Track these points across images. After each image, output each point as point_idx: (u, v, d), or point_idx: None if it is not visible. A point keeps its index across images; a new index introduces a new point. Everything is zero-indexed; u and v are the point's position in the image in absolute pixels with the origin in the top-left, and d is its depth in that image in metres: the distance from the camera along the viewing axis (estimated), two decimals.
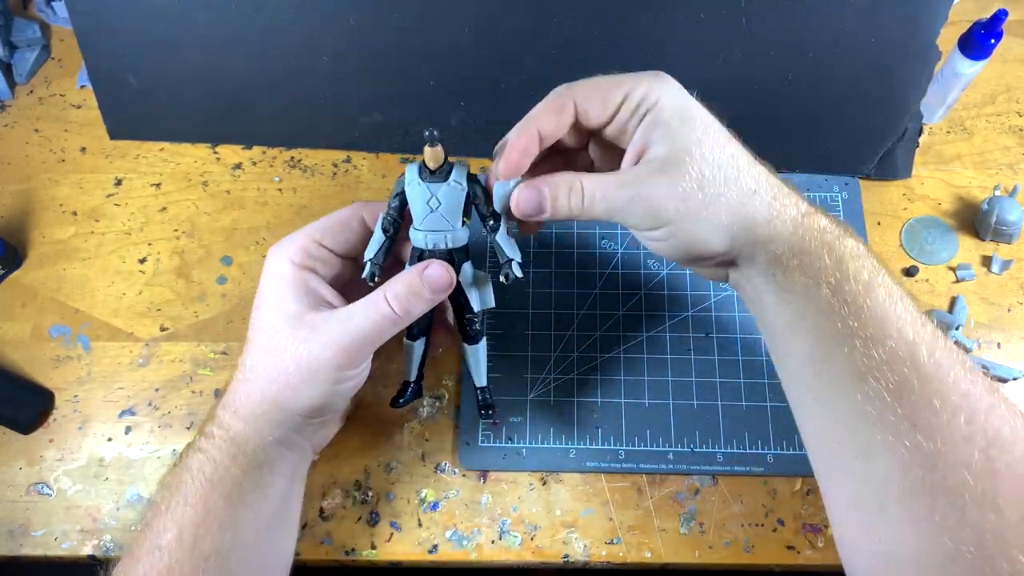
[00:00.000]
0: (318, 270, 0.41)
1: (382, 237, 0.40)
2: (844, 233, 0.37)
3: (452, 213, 0.39)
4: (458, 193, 0.39)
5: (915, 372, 0.33)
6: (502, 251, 0.41)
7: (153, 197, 0.59)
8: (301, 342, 0.38)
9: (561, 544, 0.48)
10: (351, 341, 0.38)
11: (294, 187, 0.59)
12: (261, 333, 0.40)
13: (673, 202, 0.36)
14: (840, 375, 0.35)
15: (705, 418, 0.50)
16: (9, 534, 0.49)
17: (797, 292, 0.36)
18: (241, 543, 0.38)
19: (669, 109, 0.37)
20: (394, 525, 0.48)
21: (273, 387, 0.39)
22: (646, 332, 0.53)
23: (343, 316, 0.39)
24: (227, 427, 0.39)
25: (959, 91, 0.56)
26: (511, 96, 0.57)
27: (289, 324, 0.39)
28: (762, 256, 0.37)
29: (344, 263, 0.43)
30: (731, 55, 0.54)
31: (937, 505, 0.32)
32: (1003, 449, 0.31)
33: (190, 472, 0.38)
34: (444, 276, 0.39)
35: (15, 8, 0.67)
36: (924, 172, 0.58)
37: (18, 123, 0.62)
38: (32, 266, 0.57)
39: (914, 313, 0.35)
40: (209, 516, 0.37)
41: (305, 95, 0.58)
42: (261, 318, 0.40)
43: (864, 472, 0.34)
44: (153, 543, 0.37)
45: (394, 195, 0.40)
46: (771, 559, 0.47)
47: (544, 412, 0.51)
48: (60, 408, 0.53)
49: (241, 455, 0.39)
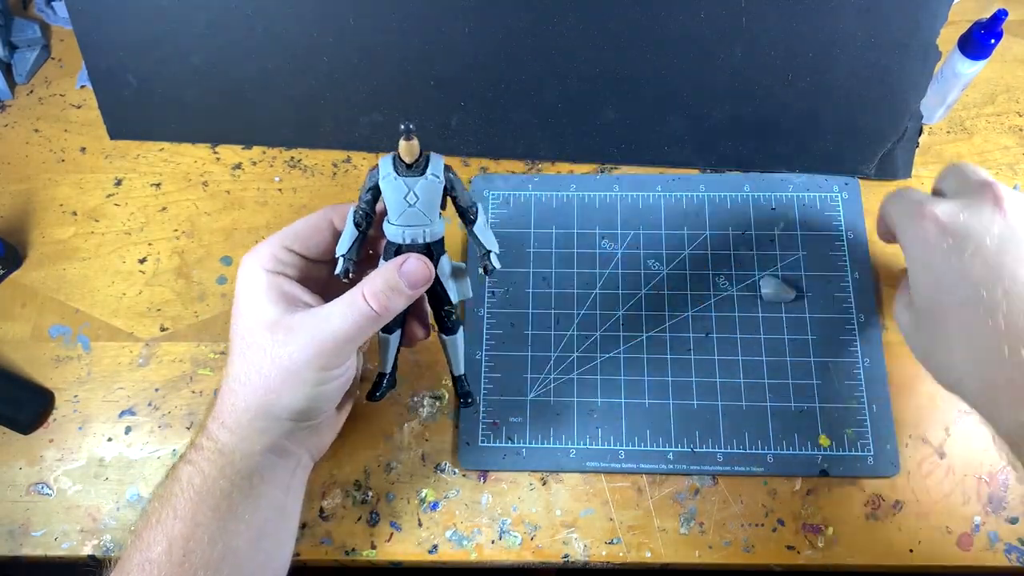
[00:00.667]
0: (290, 275, 0.41)
1: (354, 232, 0.40)
2: None
3: (430, 207, 0.38)
4: (436, 186, 0.38)
5: None
6: (479, 243, 0.40)
7: (153, 197, 0.59)
8: (280, 345, 0.38)
9: (561, 544, 0.48)
10: (330, 340, 0.38)
11: (294, 187, 0.59)
12: (241, 341, 0.39)
13: None
14: None
15: (705, 418, 0.50)
16: (9, 534, 0.49)
17: None
18: (232, 554, 0.38)
19: None
20: (394, 525, 0.48)
21: (257, 394, 0.38)
22: (646, 332, 0.53)
23: (321, 316, 0.38)
24: (215, 439, 0.39)
25: (959, 91, 0.56)
26: (511, 96, 0.57)
27: (267, 329, 0.38)
28: None
29: (317, 266, 0.43)
30: (731, 55, 0.54)
31: None
32: None
33: (179, 484, 0.38)
34: (423, 270, 0.38)
35: (15, 8, 0.67)
36: (924, 172, 0.58)
37: (18, 123, 0.62)
38: (32, 266, 0.57)
39: None
40: (199, 529, 0.37)
41: (305, 95, 0.58)
42: (239, 327, 0.40)
43: None
44: (143, 556, 0.37)
45: (366, 188, 0.39)
46: (771, 559, 0.47)
47: (544, 412, 0.51)
48: (60, 408, 0.53)
49: (229, 466, 0.38)
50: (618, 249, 0.55)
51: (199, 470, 0.38)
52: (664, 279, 0.54)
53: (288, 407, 0.39)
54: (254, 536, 0.39)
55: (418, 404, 0.52)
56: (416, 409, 0.52)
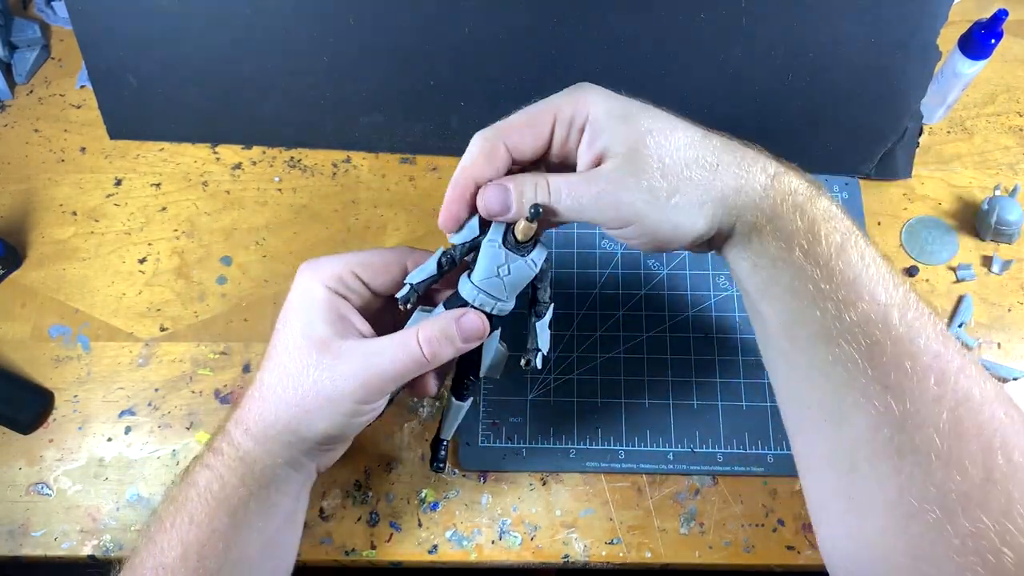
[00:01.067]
0: (351, 299, 0.40)
1: (434, 270, 0.39)
2: (817, 193, 0.36)
3: (514, 287, 0.39)
4: (529, 272, 0.38)
5: (887, 334, 0.33)
6: (536, 337, 0.41)
7: (153, 197, 0.59)
8: (325, 369, 0.37)
9: (561, 544, 0.48)
10: (375, 377, 0.37)
11: (294, 187, 0.59)
12: (285, 352, 0.38)
13: (641, 196, 0.35)
14: (812, 338, 0.35)
15: (705, 418, 0.50)
16: (9, 534, 0.49)
17: (770, 256, 0.36)
18: (245, 561, 0.38)
19: (604, 114, 0.36)
20: (394, 525, 0.48)
21: (290, 411, 0.38)
22: (646, 332, 0.53)
23: (371, 350, 0.38)
24: (237, 445, 0.38)
25: (959, 91, 0.56)
26: (511, 96, 0.57)
27: (316, 348, 0.38)
28: (738, 226, 0.37)
29: (376, 299, 0.42)
30: (731, 55, 0.54)
31: (904, 465, 0.32)
32: (971, 410, 0.31)
33: (197, 489, 0.38)
34: (479, 328, 0.38)
35: (15, 8, 0.67)
36: (924, 172, 0.58)
37: (18, 123, 0.62)
38: (32, 266, 0.57)
39: (887, 275, 0.34)
40: (214, 536, 0.37)
41: (305, 95, 0.58)
42: (286, 337, 0.39)
43: (836, 433, 0.35)
44: (157, 560, 0.37)
45: (466, 239, 0.39)
46: (771, 559, 0.47)
47: (544, 412, 0.51)
48: (60, 408, 0.53)
49: (250, 475, 0.38)
50: (618, 249, 0.55)
51: (218, 476, 0.38)
52: (664, 279, 0.54)
53: (319, 431, 0.38)
54: (266, 543, 0.39)
55: (418, 404, 0.52)
56: (416, 409, 0.52)
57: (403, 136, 0.59)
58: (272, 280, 0.56)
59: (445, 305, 0.40)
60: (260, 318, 0.55)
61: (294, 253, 0.57)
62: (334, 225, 0.58)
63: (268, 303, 0.55)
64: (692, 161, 0.36)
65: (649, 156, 0.35)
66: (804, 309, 0.35)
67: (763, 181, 0.36)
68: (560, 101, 0.37)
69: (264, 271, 0.56)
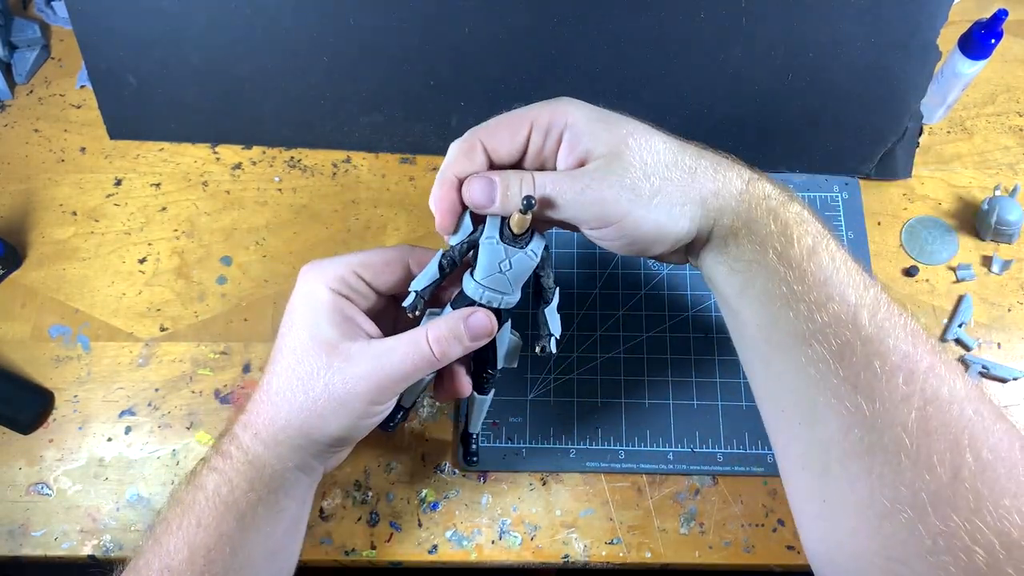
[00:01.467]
0: (355, 301, 0.40)
1: (436, 274, 0.39)
2: (789, 199, 0.37)
3: (517, 279, 0.39)
4: (531, 263, 0.39)
5: (857, 335, 0.33)
6: (547, 324, 0.41)
7: (153, 197, 0.59)
8: (336, 371, 0.37)
9: (561, 544, 0.48)
10: (387, 377, 0.38)
11: (294, 187, 0.59)
12: (292, 355, 0.38)
13: (625, 195, 0.36)
14: (786, 339, 0.35)
15: (705, 418, 0.50)
16: (9, 534, 0.49)
17: (746, 260, 0.37)
18: (251, 564, 0.38)
19: (584, 119, 0.37)
20: (394, 525, 0.48)
21: (301, 415, 0.38)
22: (646, 332, 0.53)
23: (381, 350, 0.38)
24: (246, 449, 0.38)
25: (959, 91, 0.56)
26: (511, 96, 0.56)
27: (324, 351, 0.38)
28: (715, 230, 0.38)
29: (379, 299, 0.42)
30: (731, 55, 0.54)
31: (874, 465, 0.32)
32: (940, 408, 0.32)
33: (204, 492, 0.38)
34: (487, 326, 0.39)
35: (15, 8, 0.67)
36: (924, 172, 0.58)
37: (18, 123, 0.62)
38: (32, 266, 0.57)
39: (857, 277, 0.35)
40: (222, 539, 0.37)
41: (305, 95, 0.58)
42: (293, 340, 0.39)
43: (809, 434, 0.35)
44: (164, 563, 0.37)
45: (463, 239, 0.39)
46: (771, 559, 0.47)
47: (544, 412, 0.51)
48: (60, 408, 0.53)
49: (259, 480, 0.38)
50: None
51: (226, 479, 0.38)
52: (664, 279, 0.54)
53: (331, 434, 0.38)
54: (272, 546, 0.39)
55: (418, 404, 0.52)
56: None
57: (403, 136, 0.59)
58: (272, 280, 0.56)
59: (452, 304, 0.40)
60: (260, 318, 0.55)
61: (294, 253, 0.57)
62: (334, 225, 0.58)
63: (268, 303, 0.55)
64: (672, 164, 0.37)
65: (631, 157, 0.36)
66: (778, 311, 0.36)
67: (739, 186, 0.37)
68: (537, 110, 0.38)
69: (264, 271, 0.56)
